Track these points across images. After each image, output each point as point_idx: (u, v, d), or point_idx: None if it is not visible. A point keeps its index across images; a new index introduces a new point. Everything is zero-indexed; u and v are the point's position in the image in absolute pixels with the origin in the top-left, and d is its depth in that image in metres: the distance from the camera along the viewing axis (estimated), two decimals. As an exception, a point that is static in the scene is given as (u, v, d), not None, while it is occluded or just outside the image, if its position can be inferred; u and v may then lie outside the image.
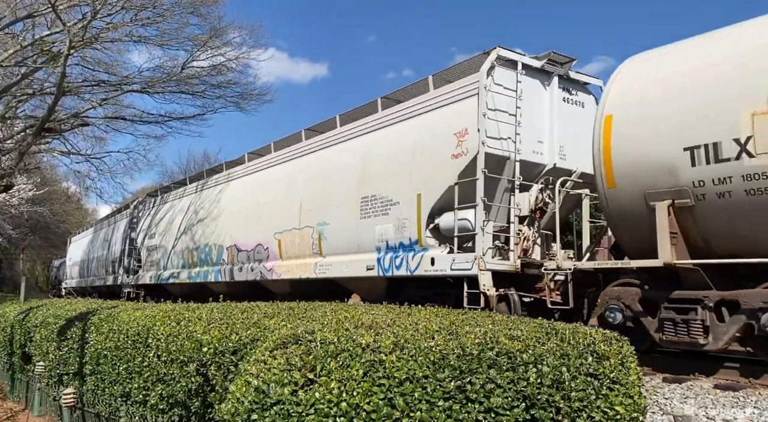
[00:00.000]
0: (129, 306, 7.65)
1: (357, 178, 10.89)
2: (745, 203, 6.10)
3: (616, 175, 7.17)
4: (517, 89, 9.06)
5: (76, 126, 15.98)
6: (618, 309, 7.22)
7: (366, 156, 10.89)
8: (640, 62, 7.73)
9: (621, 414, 2.99)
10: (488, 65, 8.90)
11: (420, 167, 9.63)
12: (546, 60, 9.48)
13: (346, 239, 10.90)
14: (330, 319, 3.98)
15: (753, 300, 6.17)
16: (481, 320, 3.91)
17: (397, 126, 10.47)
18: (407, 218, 9.74)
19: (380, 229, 10.20)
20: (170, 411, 5.01)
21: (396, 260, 9.81)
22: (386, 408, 2.74)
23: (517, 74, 9.13)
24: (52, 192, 38.19)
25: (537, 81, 9.53)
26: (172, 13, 13.50)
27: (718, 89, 6.37)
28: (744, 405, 5.65)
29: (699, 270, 6.48)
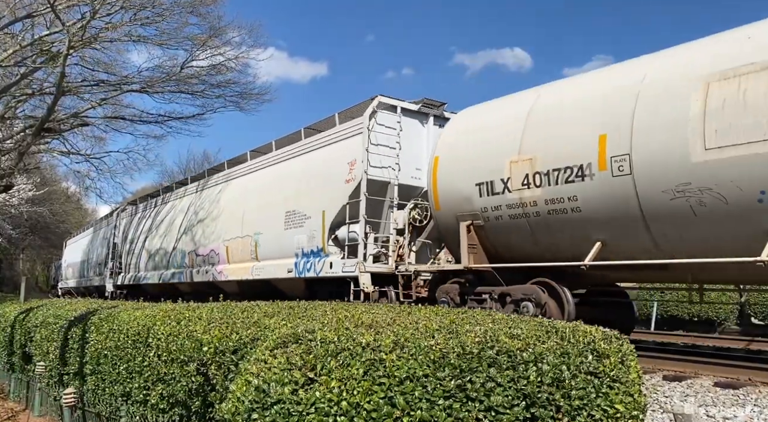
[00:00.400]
0: (129, 306, 7.66)
1: (283, 195, 13.31)
2: (510, 224, 8.50)
3: (440, 201, 9.56)
4: (398, 127, 11.46)
5: (75, 126, 15.97)
6: (446, 300, 9.33)
7: (290, 177, 13.38)
8: (462, 116, 10.25)
9: (621, 412, 3.00)
10: (370, 110, 11.21)
11: (325, 188, 11.98)
12: (422, 104, 11.86)
13: (275, 246, 13.22)
14: (330, 318, 3.98)
15: (516, 293, 8.39)
16: (481, 319, 3.91)
17: (313, 153, 12.94)
18: (316, 230, 12.01)
19: (297, 239, 12.49)
20: (171, 411, 5.01)
21: (308, 264, 12.13)
22: (387, 407, 2.75)
23: (398, 116, 11.51)
24: (52, 192, 38.21)
25: (416, 120, 11.88)
26: (171, 12, 13.51)
27: (493, 142, 8.83)
28: (744, 403, 5.66)
29: (492, 270, 8.75)
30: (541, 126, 8.18)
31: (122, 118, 16.82)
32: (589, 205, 7.46)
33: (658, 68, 7.27)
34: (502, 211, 8.53)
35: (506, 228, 8.59)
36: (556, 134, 7.90)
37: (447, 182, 9.42)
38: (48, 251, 54.53)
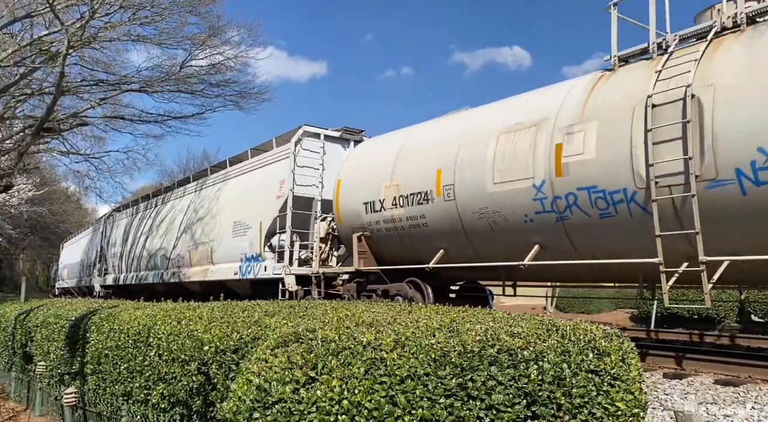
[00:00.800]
0: (129, 306, 7.66)
1: (233, 207, 15.51)
2: (387, 235, 10.62)
3: (341, 216, 11.67)
4: (322, 151, 13.63)
5: (75, 126, 15.94)
6: (347, 296, 11.24)
7: (236, 192, 15.67)
8: (360, 147, 12.93)
9: (622, 410, 3.00)
10: (296, 138, 13.38)
11: (262, 203, 14.01)
12: (342, 131, 14.05)
13: (226, 252, 15.27)
14: (331, 317, 3.99)
15: (393, 289, 10.49)
16: (481, 317, 3.92)
17: (253, 172, 15.19)
18: (255, 238, 13.99)
19: (242, 245, 14.53)
20: (172, 410, 5.02)
21: (249, 267, 14.09)
22: (388, 405, 2.75)
23: (322, 141, 13.66)
24: (52, 192, 38.20)
25: (338, 144, 14.00)
26: (170, 12, 13.47)
27: (375, 171, 10.99)
28: (744, 400, 5.66)
29: (380, 272, 10.76)
30: (405, 160, 10.46)
31: (122, 117, 16.79)
32: (433, 222, 9.71)
33: (474, 122, 9.62)
34: (381, 225, 10.71)
35: (385, 239, 10.76)
36: (413, 167, 10.20)
37: (345, 201, 11.57)
38: (48, 251, 54.52)
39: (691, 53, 6.91)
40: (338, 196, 11.74)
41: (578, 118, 7.71)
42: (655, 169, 6.66)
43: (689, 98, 6.46)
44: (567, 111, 7.96)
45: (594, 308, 21.57)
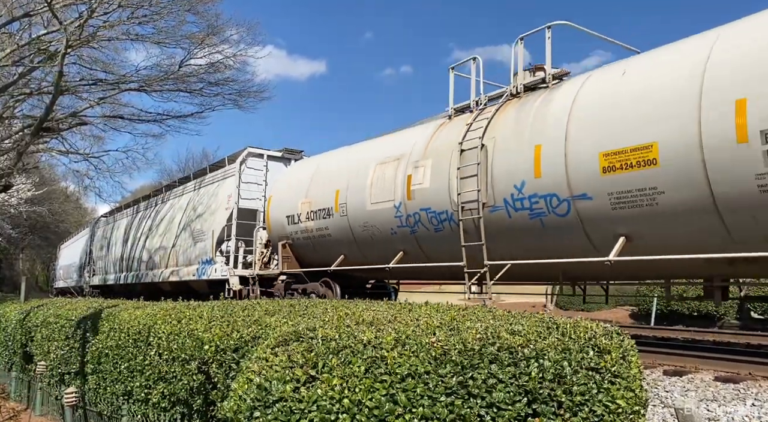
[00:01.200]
0: (130, 305, 7.66)
1: (193, 217, 17.59)
2: (304, 243, 12.62)
3: (271, 227, 13.74)
4: (265, 169, 15.74)
5: (74, 125, 15.90)
6: (278, 295, 12.88)
7: (196, 203, 17.82)
8: (290, 167, 15.24)
9: (622, 407, 3.00)
10: (241, 158, 15.54)
11: (214, 213, 16.23)
12: (284, 152, 16.23)
13: (187, 256, 17.38)
14: (331, 316, 3.99)
15: (309, 288, 12.42)
16: (482, 315, 3.92)
17: (209, 186, 17.31)
18: (209, 244, 15.97)
19: (199, 251, 16.62)
20: (172, 409, 5.02)
21: (205, 269, 16.08)
22: (388, 404, 2.75)
23: (265, 160, 15.79)
24: (51, 191, 38.19)
25: (281, 163, 16.03)
26: (168, 10, 13.43)
27: (295, 189, 13.01)
28: (744, 397, 5.67)
29: (302, 273, 12.71)
30: (316, 182, 12.49)
31: (121, 117, 16.75)
32: (334, 233, 11.71)
33: (361, 154, 11.75)
34: (299, 234, 12.69)
35: (303, 246, 12.77)
36: (321, 188, 12.17)
37: (274, 214, 13.61)
38: (48, 251, 54.48)
39: (488, 112, 9.23)
40: (269, 210, 13.95)
41: (422, 156, 9.98)
42: (461, 197, 8.87)
43: (480, 147, 8.72)
44: (417, 149, 10.22)
45: (594, 306, 21.58)
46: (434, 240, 9.66)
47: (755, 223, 6.03)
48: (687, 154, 6.38)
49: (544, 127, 8.05)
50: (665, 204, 6.68)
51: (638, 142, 6.86)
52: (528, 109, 8.54)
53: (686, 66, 6.66)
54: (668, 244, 6.85)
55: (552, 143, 7.82)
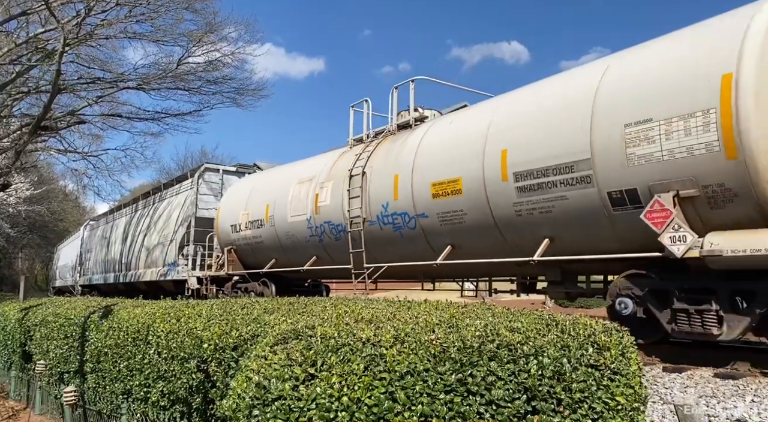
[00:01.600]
0: (129, 304, 7.65)
1: (161, 224, 19.96)
2: (245, 248, 14.43)
3: (220, 235, 15.47)
4: (221, 182, 18.12)
5: (72, 124, 15.89)
6: (227, 293, 15.03)
7: (164, 212, 20.08)
8: (237, 182, 16.87)
9: (622, 404, 3.00)
10: (198, 174, 17.83)
11: (177, 221, 18.46)
12: (237, 167, 18.79)
13: (157, 259, 19.62)
14: (330, 314, 3.98)
15: (250, 287, 14.38)
16: (481, 313, 3.91)
17: (174, 197, 19.57)
18: (174, 248, 18.07)
19: (166, 254, 18.74)
20: (171, 408, 5.01)
21: (169, 271, 18.18)
22: (387, 402, 2.74)
23: (221, 175, 18.23)
24: (50, 190, 38.18)
25: (235, 176, 18.21)
26: (166, 8, 13.42)
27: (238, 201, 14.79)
28: (744, 393, 5.67)
29: (245, 274, 14.59)
30: (253, 196, 14.31)
31: (119, 115, 16.75)
32: (266, 240, 13.60)
33: (286, 174, 13.77)
34: (240, 241, 14.55)
35: (244, 251, 14.63)
36: (257, 201, 14.01)
37: (221, 223, 15.41)
38: (47, 249, 54.47)
39: (372, 145, 11.36)
40: (218, 219, 15.78)
41: (326, 178, 12.02)
42: (350, 213, 10.92)
43: (362, 174, 10.85)
44: (323, 173, 12.25)
45: (593, 303, 21.59)
46: (335, 247, 11.75)
47: (518, 236, 8.37)
48: (478, 187, 8.66)
49: (401, 160, 10.27)
50: (469, 222, 8.96)
51: (451, 176, 9.19)
52: (394, 145, 10.84)
53: (479, 123, 9.07)
54: (476, 251, 9.07)
55: (405, 173, 10.05)
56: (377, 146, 11.22)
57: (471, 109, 10.15)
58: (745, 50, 6.14)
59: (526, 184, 8.05)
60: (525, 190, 8.05)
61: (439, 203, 9.29)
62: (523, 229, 8.23)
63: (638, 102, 6.93)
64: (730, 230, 6.39)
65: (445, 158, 9.34)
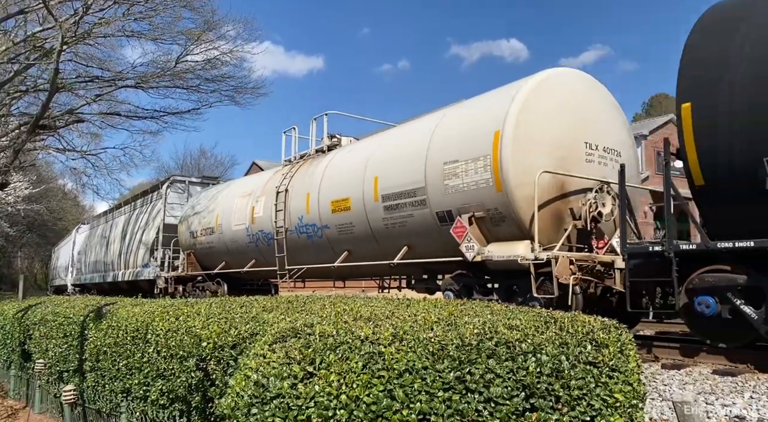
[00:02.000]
0: (127, 303, 7.65)
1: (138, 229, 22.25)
2: (202, 252, 16.85)
3: (181, 240, 18.20)
4: (187, 193, 20.43)
5: (70, 122, 15.82)
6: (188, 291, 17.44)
7: (139, 218, 22.42)
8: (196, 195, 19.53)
9: (620, 401, 3.00)
10: (166, 185, 20.62)
11: (150, 228, 20.81)
12: (202, 179, 21.50)
13: (134, 261, 21.89)
14: (328, 312, 3.98)
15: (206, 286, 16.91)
16: (479, 310, 3.91)
17: (149, 205, 21.94)
18: (147, 251, 20.42)
19: (141, 256, 21.06)
20: (171, 406, 5.01)
21: (143, 271, 20.56)
22: (386, 399, 2.74)
23: (187, 186, 20.65)
24: (49, 189, 38.15)
25: (200, 187, 20.71)
26: (164, 7, 13.35)
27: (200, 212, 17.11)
28: (742, 390, 5.68)
29: (202, 275, 16.90)
30: (207, 207, 16.93)
31: (117, 114, 16.67)
32: (216, 246, 16.11)
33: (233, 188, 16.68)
34: (197, 246, 17.07)
35: (201, 254, 17.10)
36: (209, 211, 16.68)
37: (183, 230, 18.06)
38: (46, 248, 54.42)
39: (296, 166, 13.65)
40: (180, 227, 18.30)
41: (261, 193, 14.41)
42: (276, 223, 13.20)
43: (285, 191, 13.16)
44: (259, 189, 14.68)
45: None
46: (267, 252, 13.83)
47: (388, 244, 10.47)
48: (360, 205, 10.86)
49: (313, 181, 12.50)
50: (356, 232, 11.15)
51: (344, 196, 11.38)
52: (310, 168, 13.06)
53: (364, 154, 11.45)
54: (363, 255, 11.23)
55: (314, 192, 12.24)
56: (299, 168, 13.51)
57: (362, 142, 12.65)
58: (509, 115, 8.38)
59: (390, 204, 10.25)
60: (389, 209, 10.27)
61: (337, 217, 11.54)
62: (390, 239, 10.44)
63: (452, 147, 9.21)
64: (502, 241, 8.54)
65: (342, 181, 11.62)
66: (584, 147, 8.84)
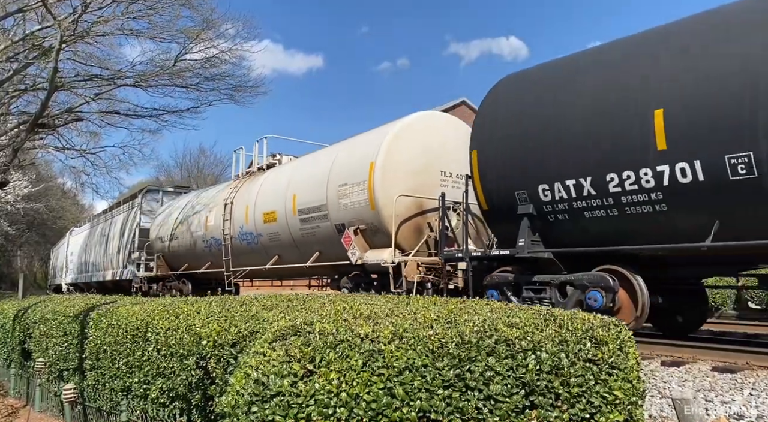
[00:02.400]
0: (127, 301, 7.65)
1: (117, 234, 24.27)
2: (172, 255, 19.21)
3: (153, 243, 20.44)
4: (161, 201, 22.52)
5: (69, 121, 15.81)
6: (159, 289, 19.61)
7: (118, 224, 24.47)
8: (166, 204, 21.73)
9: (620, 398, 3.01)
10: (141, 194, 22.53)
11: (128, 232, 22.73)
12: (175, 188, 23.82)
13: (115, 262, 23.94)
14: (328, 310, 3.98)
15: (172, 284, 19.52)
16: (479, 308, 3.92)
17: (126, 212, 23.79)
18: (125, 254, 22.61)
19: (121, 258, 23.12)
20: (171, 405, 5.02)
21: (122, 272, 22.55)
22: (386, 397, 2.75)
23: (161, 194, 22.85)
24: (48, 188, 38.14)
25: (173, 195, 22.83)
26: (163, 5, 13.34)
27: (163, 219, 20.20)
28: (742, 387, 5.68)
29: (173, 276, 19.23)
30: (172, 215, 19.25)
31: (116, 112, 16.64)
32: (180, 250, 18.33)
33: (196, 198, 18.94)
34: (166, 250, 19.36)
35: (169, 257, 19.34)
36: (174, 220, 18.94)
37: (154, 235, 20.40)
38: (45, 247, 54.43)
39: (242, 182, 15.92)
40: (151, 232, 20.71)
41: (214, 204, 16.67)
42: (224, 231, 15.42)
43: (231, 203, 15.42)
44: (213, 200, 16.88)
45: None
46: (218, 255, 15.97)
47: (305, 250, 12.77)
48: (284, 217, 13.11)
49: (251, 195, 14.73)
50: (282, 241, 13.38)
51: (272, 209, 13.62)
52: (250, 184, 15.28)
53: (287, 174, 13.90)
54: (289, 260, 13.40)
55: (251, 205, 14.45)
56: (243, 183, 15.74)
57: (288, 164, 14.90)
58: (380, 149, 10.73)
59: (304, 217, 12.47)
60: (304, 221, 12.51)
61: (268, 227, 13.75)
62: (307, 245, 12.66)
63: (344, 172, 11.47)
64: (377, 248, 10.70)
65: (271, 197, 13.83)
66: (440, 175, 11.07)
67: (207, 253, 16.63)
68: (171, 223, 18.98)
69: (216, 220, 15.96)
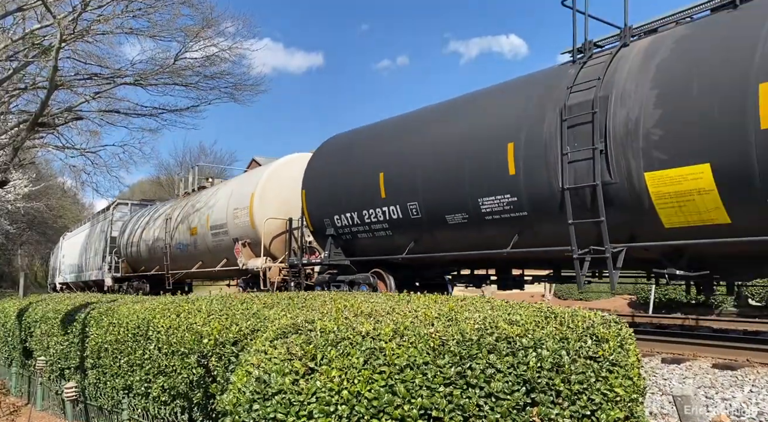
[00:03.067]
0: (128, 300, 7.66)
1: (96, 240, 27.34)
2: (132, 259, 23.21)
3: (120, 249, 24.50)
4: (130, 212, 26.23)
5: (69, 120, 15.78)
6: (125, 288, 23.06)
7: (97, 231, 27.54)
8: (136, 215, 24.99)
9: (621, 395, 3.01)
10: (112, 207, 26.73)
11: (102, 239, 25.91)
12: (141, 201, 28.31)
13: (94, 264, 26.96)
14: (329, 308, 3.99)
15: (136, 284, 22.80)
16: (480, 306, 3.92)
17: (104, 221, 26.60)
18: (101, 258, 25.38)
19: (98, 261, 26.07)
20: (172, 403, 5.02)
21: (98, 273, 25.44)
22: (387, 395, 2.75)
23: (130, 207, 26.91)
24: (48, 187, 38.11)
25: (140, 207, 26.22)
26: (163, 3, 13.31)
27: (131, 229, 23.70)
28: (742, 384, 5.69)
29: (134, 277, 22.84)
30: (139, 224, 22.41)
31: (116, 111, 16.62)
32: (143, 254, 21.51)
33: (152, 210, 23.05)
34: (130, 254, 22.48)
35: (131, 261, 22.56)
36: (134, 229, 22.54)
37: (120, 241, 23.77)
38: (46, 246, 54.45)
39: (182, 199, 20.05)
40: (118, 239, 23.95)
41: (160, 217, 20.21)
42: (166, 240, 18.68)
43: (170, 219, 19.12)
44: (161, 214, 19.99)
45: (593, 295, 21.65)
46: (161, 260, 19.34)
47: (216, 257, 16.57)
48: (203, 231, 16.58)
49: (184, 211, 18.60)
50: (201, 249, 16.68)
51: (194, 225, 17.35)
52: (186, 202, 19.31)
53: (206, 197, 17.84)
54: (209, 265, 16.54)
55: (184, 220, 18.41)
56: (181, 201, 19.54)
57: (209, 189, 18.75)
58: (258, 183, 14.90)
59: (214, 232, 16.27)
60: (214, 235, 16.30)
61: (192, 238, 17.43)
62: (218, 254, 16.19)
63: (237, 199, 15.51)
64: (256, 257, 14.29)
65: (195, 215, 17.49)
66: None
67: (156, 258, 20.26)
68: (131, 232, 22.87)
69: (160, 231, 19.73)
